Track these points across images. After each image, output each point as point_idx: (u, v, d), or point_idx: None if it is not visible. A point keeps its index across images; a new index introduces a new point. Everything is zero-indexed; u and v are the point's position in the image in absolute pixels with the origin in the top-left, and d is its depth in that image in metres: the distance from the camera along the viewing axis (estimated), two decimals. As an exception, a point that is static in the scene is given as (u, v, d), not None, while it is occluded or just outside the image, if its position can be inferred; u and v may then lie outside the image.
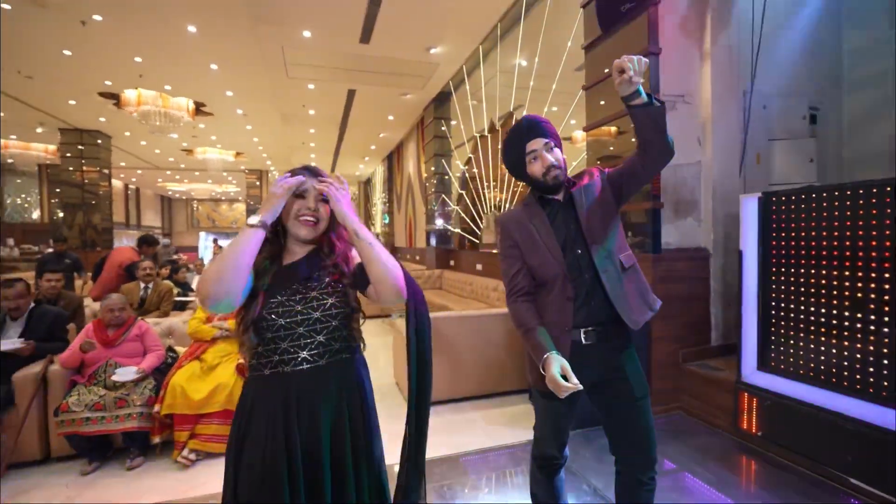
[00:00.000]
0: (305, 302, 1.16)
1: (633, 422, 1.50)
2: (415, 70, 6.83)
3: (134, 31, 6.01)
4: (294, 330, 1.14)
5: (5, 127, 10.65)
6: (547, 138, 1.49)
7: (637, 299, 1.50)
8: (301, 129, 10.74)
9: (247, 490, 1.08)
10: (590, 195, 1.53)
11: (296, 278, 1.18)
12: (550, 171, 1.48)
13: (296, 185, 1.15)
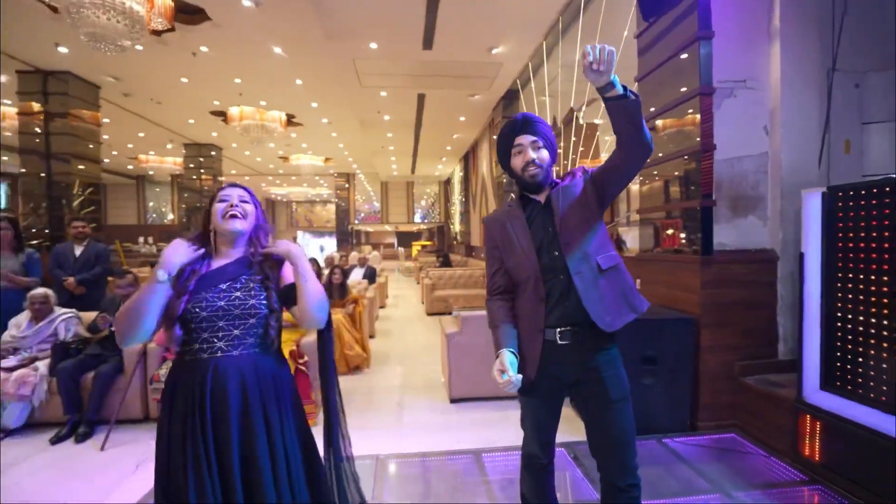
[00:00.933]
0: (229, 300, 1.31)
1: (607, 425, 1.47)
2: (479, 71, 6.90)
3: (232, 57, 6.86)
4: (214, 323, 1.30)
5: (144, 145, 12.75)
6: (536, 137, 1.51)
7: (614, 301, 1.46)
8: (379, 134, 11.36)
9: (168, 458, 1.27)
10: (569, 196, 1.52)
11: (222, 278, 1.34)
12: (528, 167, 1.50)
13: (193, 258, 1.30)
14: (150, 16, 5.10)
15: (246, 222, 1.39)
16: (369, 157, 14.78)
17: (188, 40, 6.28)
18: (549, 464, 1.64)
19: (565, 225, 1.48)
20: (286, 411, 1.38)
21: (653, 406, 2.83)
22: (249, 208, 1.41)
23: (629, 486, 1.46)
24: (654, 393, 2.83)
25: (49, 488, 2.39)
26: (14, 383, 2.96)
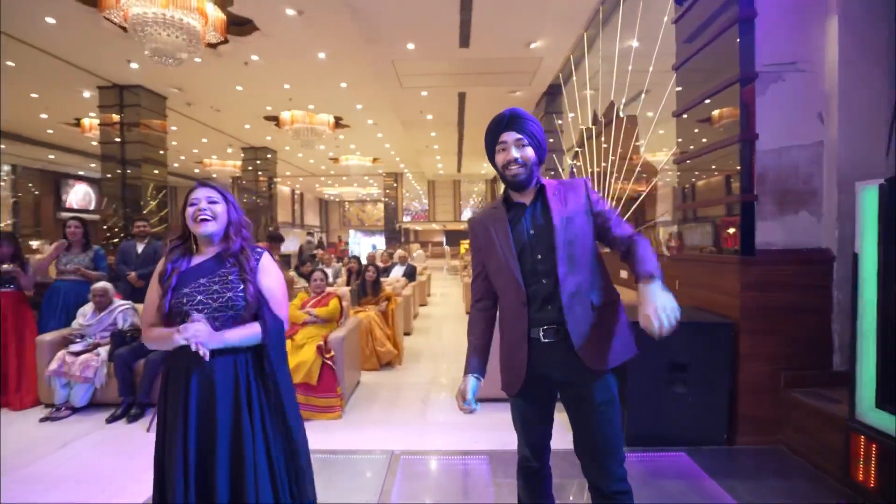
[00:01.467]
0: (208, 294, 1.41)
1: (590, 429, 1.42)
2: (518, 67, 6.79)
3: (281, 64, 7.20)
4: (193, 312, 1.38)
5: (208, 149, 13.71)
6: (521, 135, 1.46)
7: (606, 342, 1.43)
8: (422, 133, 11.48)
9: (163, 438, 1.42)
10: (570, 205, 1.45)
11: (201, 274, 1.44)
12: (510, 165, 1.45)
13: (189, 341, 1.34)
14: (205, 30, 5.47)
15: (216, 223, 1.46)
16: (415, 157, 14.98)
17: (240, 51, 6.67)
18: (543, 468, 1.58)
19: (566, 239, 1.40)
20: (264, 401, 1.45)
21: (684, 416, 2.66)
22: (219, 208, 1.47)
23: (615, 492, 1.40)
24: (685, 402, 2.65)
25: (99, 462, 2.63)
26: (79, 366, 3.29)
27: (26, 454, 2.72)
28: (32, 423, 3.18)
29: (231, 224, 1.50)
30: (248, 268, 1.47)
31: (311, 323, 3.58)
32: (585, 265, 1.43)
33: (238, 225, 1.52)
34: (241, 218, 1.54)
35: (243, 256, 1.48)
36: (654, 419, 2.67)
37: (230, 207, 1.51)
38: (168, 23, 5.12)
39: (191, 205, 1.45)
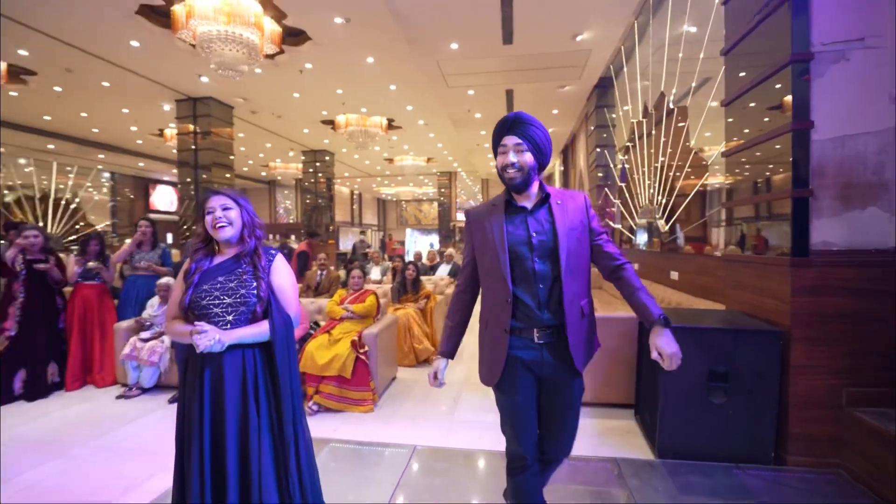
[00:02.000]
0: (225, 290, 1.53)
1: (563, 418, 1.63)
2: (565, 61, 6.59)
3: (333, 70, 7.53)
4: (211, 310, 1.52)
5: (272, 153, 14.62)
6: (522, 139, 1.51)
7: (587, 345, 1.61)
8: (472, 132, 11.48)
9: (182, 420, 1.56)
10: (569, 219, 1.54)
11: (220, 272, 1.56)
12: (507, 169, 1.52)
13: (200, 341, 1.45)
14: (262, 43, 5.85)
15: (232, 228, 1.59)
16: (467, 156, 15.00)
17: (295, 60, 7.06)
18: (534, 465, 1.62)
19: (569, 249, 1.50)
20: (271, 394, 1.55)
21: (724, 430, 2.47)
22: (232, 214, 1.59)
23: (559, 460, 1.73)
24: (725, 414, 2.46)
25: (160, 438, 2.92)
26: (147, 352, 3.67)
27: (102, 426, 3.09)
28: (110, 400, 3.59)
29: (245, 226, 1.62)
30: (261, 266, 1.59)
31: (347, 318, 3.73)
32: (581, 275, 1.53)
33: (252, 226, 1.63)
34: (254, 220, 1.66)
35: (257, 256, 1.60)
36: (689, 431, 2.50)
37: (243, 211, 1.62)
38: (230, 38, 5.52)
39: (208, 213, 1.59)
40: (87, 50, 6.57)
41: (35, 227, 3.85)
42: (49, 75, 7.50)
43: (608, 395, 3.29)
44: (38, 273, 3.72)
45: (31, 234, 3.74)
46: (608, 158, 7.65)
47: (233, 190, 1.66)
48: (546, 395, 1.58)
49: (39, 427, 3.11)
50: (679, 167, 4.57)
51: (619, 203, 7.17)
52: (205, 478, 1.46)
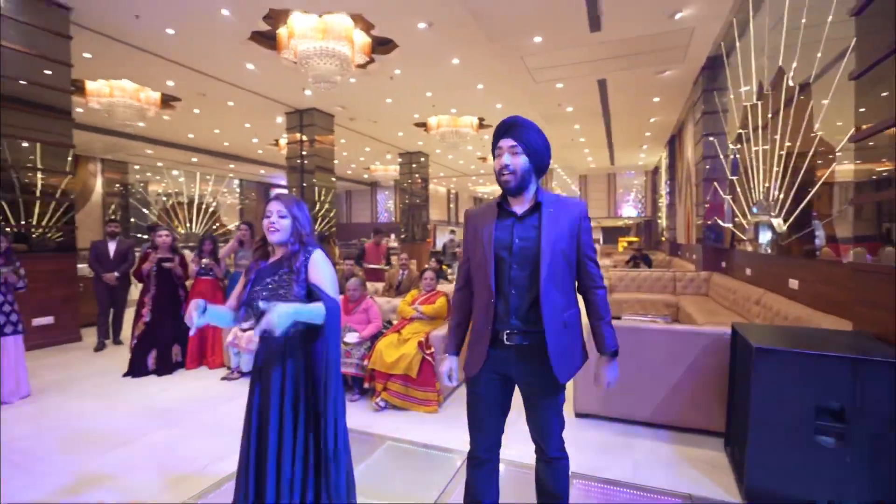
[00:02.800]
0: (268, 289, 1.67)
1: (542, 416, 1.62)
2: (663, 43, 5.97)
3: (421, 74, 7.76)
4: (262, 311, 1.57)
5: (372, 157, 15.54)
6: (517, 142, 1.51)
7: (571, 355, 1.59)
8: (566, 127, 10.99)
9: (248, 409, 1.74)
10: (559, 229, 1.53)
11: (269, 273, 1.71)
12: (501, 172, 1.53)
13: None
14: (353, 54, 6.24)
15: (281, 233, 1.70)
16: (561, 152, 14.42)
17: (385, 67, 7.40)
18: (490, 461, 1.67)
19: (552, 260, 1.49)
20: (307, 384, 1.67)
21: (836, 480, 2.02)
22: (285, 222, 1.70)
23: (553, 458, 1.65)
24: (839, 460, 2.01)
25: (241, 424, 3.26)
26: (245, 340, 4.12)
27: (207, 402, 3.56)
28: (216, 380, 4.12)
29: (293, 234, 1.73)
30: (295, 269, 1.68)
31: (417, 319, 3.80)
32: (562, 286, 1.53)
33: (299, 234, 1.74)
34: (304, 228, 1.75)
35: (294, 259, 1.70)
36: (786, 475, 2.09)
37: (293, 220, 1.73)
38: (325, 53, 5.97)
39: (266, 216, 1.72)
40: (214, 76, 7.62)
41: (166, 227, 4.56)
42: (189, 100, 8.85)
43: (695, 420, 2.91)
44: (166, 269, 4.41)
45: (162, 234, 4.45)
46: (717, 148, 6.77)
47: (291, 197, 1.78)
48: (524, 397, 1.64)
49: (163, 398, 3.69)
50: (801, 155, 3.87)
51: (729, 199, 6.32)
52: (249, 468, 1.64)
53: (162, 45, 6.37)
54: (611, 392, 3.06)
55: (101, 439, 2.93)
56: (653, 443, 2.80)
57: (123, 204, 14.50)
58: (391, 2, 5.38)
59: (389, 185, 21.22)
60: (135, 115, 8.12)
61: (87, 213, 13.29)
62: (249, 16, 5.69)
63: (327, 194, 10.35)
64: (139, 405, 3.54)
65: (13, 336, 3.58)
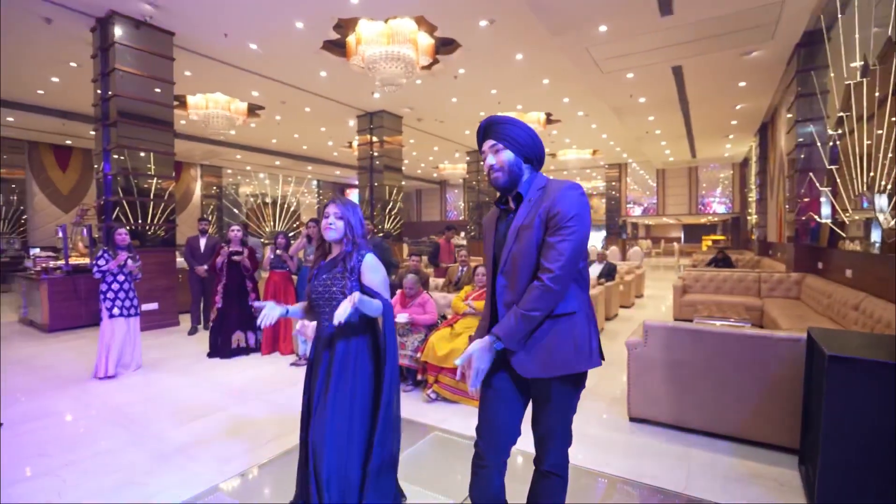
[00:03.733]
0: (324, 285, 1.83)
1: (537, 418, 1.53)
2: (746, 21, 5.44)
3: (485, 72, 7.78)
4: (318, 301, 1.83)
5: (440, 156, 15.82)
6: (496, 140, 1.48)
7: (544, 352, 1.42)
8: (638, 118, 10.38)
9: (305, 393, 1.90)
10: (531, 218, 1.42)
11: (326, 270, 1.87)
12: (490, 172, 1.49)
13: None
14: (418, 56, 6.42)
15: (335, 233, 1.84)
16: (636, 145, 13.65)
17: (449, 67, 7.53)
18: (493, 468, 1.52)
19: (513, 251, 1.44)
20: (357, 375, 1.81)
21: (930, 509, 1.76)
22: (339, 223, 1.84)
23: (545, 471, 1.54)
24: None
25: (308, 402, 3.53)
26: (311, 329, 4.44)
27: (274, 385, 3.90)
28: (285, 366, 4.49)
29: (346, 234, 1.86)
30: (348, 268, 1.82)
31: (470, 314, 3.85)
32: (527, 277, 1.41)
33: (352, 235, 1.86)
34: (357, 228, 1.88)
35: (347, 258, 1.84)
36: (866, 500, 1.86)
37: (347, 221, 1.86)
38: (390, 56, 6.22)
39: (324, 217, 1.88)
40: (292, 84, 8.23)
41: (237, 223, 5.04)
42: (272, 108, 9.65)
43: (765, 434, 2.65)
44: (236, 261, 4.89)
45: (235, 229, 4.93)
46: (814, 135, 6.03)
47: (347, 200, 1.93)
48: (534, 395, 1.53)
49: (240, 378, 4.10)
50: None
51: (827, 191, 5.61)
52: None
53: (246, 59, 7.02)
54: (668, 397, 2.89)
55: (189, 409, 3.34)
56: (712, 454, 2.60)
57: (218, 205, 16.15)
58: (452, 2, 5.46)
59: (458, 184, 21.44)
60: (226, 124, 9.02)
61: (188, 213, 15.00)
62: (321, 26, 6.09)
63: (396, 193, 10.73)
64: (220, 383, 3.97)
65: (134, 318, 4.26)
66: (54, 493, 2.26)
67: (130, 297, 4.21)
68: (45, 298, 6.00)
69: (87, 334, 5.86)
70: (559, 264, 1.33)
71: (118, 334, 4.12)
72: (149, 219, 6.13)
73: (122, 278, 4.17)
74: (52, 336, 5.78)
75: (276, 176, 17.46)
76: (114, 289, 4.13)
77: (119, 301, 4.14)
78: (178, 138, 10.98)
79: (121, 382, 3.98)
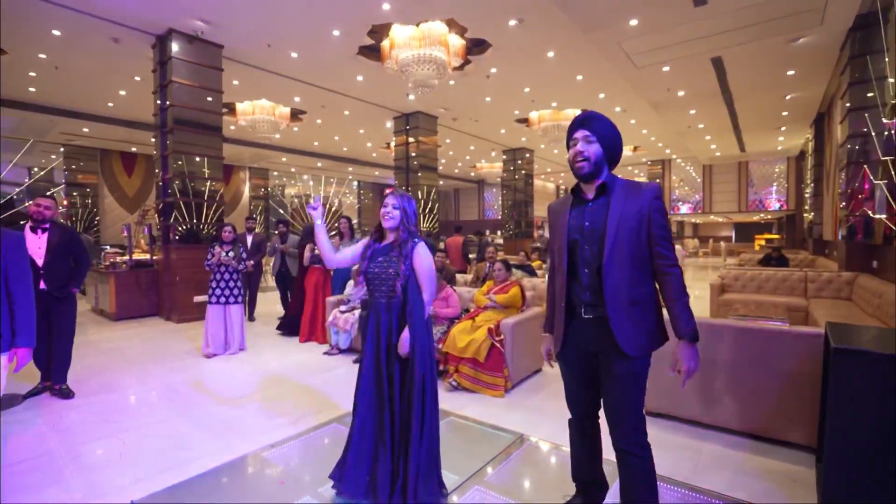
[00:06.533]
0: (380, 266, 2.08)
1: (610, 393, 1.64)
2: (792, 6, 5.20)
3: (517, 71, 7.83)
4: (372, 280, 2.10)
5: (477, 155, 15.91)
6: (591, 132, 1.63)
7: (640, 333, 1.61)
8: (679, 113, 10.04)
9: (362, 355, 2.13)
10: (629, 209, 1.60)
11: (381, 253, 2.10)
12: (576, 159, 1.65)
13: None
14: (449, 58, 6.58)
15: (393, 221, 2.08)
16: (679, 140, 13.16)
17: (481, 67, 7.64)
18: (585, 429, 1.85)
19: (617, 239, 1.58)
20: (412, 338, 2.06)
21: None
22: (396, 213, 2.08)
23: (624, 449, 1.62)
24: (942, 485, 1.70)
25: (343, 387, 3.75)
26: (343, 321, 4.72)
27: (310, 370, 4.18)
28: (319, 353, 4.78)
29: (402, 222, 2.09)
30: (404, 254, 2.06)
31: (491, 308, 3.97)
32: (627, 264, 1.58)
33: (407, 223, 2.10)
34: (411, 219, 2.12)
35: (403, 245, 2.08)
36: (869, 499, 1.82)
37: (402, 212, 2.09)
38: (423, 59, 6.41)
39: (383, 206, 2.12)
40: (332, 89, 8.62)
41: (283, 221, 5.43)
42: (313, 112, 10.12)
43: (782, 431, 2.61)
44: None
45: (280, 228, 5.30)
46: (869, 124, 5.66)
47: (404, 193, 2.16)
48: (601, 378, 1.69)
49: (278, 366, 4.41)
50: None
51: (882, 184, 5.26)
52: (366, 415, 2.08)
53: (288, 67, 7.45)
54: (685, 392, 2.88)
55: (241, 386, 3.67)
56: (723, 449, 2.59)
57: (265, 205, 17.05)
58: (481, 3, 5.57)
59: (496, 183, 21.43)
60: (271, 129, 9.57)
61: (238, 213, 15.93)
62: (356, 33, 6.37)
63: (432, 193, 10.93)
64: (265, 367, 4.29)
65: (237, 305, 4.77)
66: (115, 453, 2.60)
67: (230, 286, 4.70)
68: (112, 290, 6.66)
69: (147, 322, 6.46)
70: (673, 252, 1.61)
71: (213, 319, 4.63)
72: (203, 218, 6.65)
73: (223, 270, 4.67)
74: (118, 324, 6.42)
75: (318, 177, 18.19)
76: (216, 279, 4.65)
77: (218, 290, 4.65)
78: (228, 143, 11.75)
79: (231, 360, 4.54)
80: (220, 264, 4.60)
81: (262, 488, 2.24)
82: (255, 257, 6.38)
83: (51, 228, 3.47)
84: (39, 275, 3.37)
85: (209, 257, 4.60)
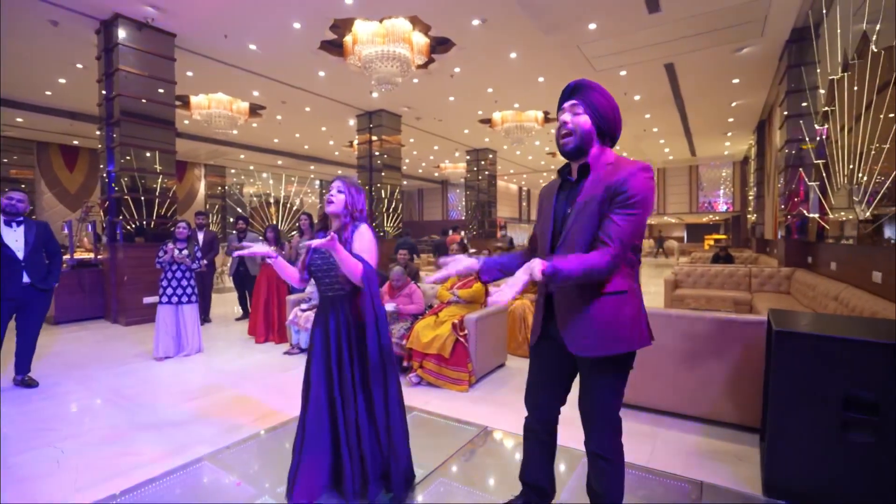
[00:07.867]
0: (324, 257, 1.94)
1: (582, 394, 1.52)
2: (735, 17, 5.53)
3: (480, 71, 7.90)
4: (316, 273, 1.97)
5: (441, 155, 15.94)
6: (578, 101, 1.43)
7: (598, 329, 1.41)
8: (635, 116, 10.46)
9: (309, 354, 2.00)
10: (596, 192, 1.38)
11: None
12: (559, 131, 1.46)
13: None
14: (413, 55, 6.55)
15: (335, 206, 1.93)
16: (635, 143, 13.70)
17: (445, 66, 7.66)
18: (541, 434, 1.67)
19: (575, 226, 1.41)
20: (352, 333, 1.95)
21: (866, 477, 1.85)
22: (341, 196, 1.94)
23: (594, 453, 1.51)
24: (868, 457, 1.84)
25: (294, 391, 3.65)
26: (304, 319, 4.60)
27: (269, 370, 4.05)
28: (279, 353, 4.64)
29: (346, 206, 1.95)
30: (343, 239, 1.92)
31: (454, 303, 3.98)
32: (582, 251, 1.37)
33: (352, 208, 1.96)
34: (356, 204, 1.97)
35: (343, 231, 1.95)
36: (809, 470, 1.96)
37: (347, 197, 1.95)
38: (386, 56, 6.35)
39: (328, 192, 2.01)
40: (293, 84, 8.40)
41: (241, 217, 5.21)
42: (273, 107, 9.82)
43: (730, 414, 2.76)
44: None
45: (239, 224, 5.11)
46: (804, 131, 6.10)
47: (353, 179, 2.04)
48: (580, 372, 1.55)
49: (239, 364, 4.24)
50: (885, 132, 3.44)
51: (815, 186, 5.68)
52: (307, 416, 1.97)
53: (246, 59, 7.19)
54: (639, 380, 2.99)
55: (196, 389, 3.49)
56: (678, 433, 2.71)
57: (222, 204, 16.39)
58: (444, 2, 5.59)
59: (460, 183, 21.56)
60: (228, 124, 9.21)
61: (192, 212, 15.21)
62: (318, 26, 6.24)
63: (396, 192, 10.84)
64: (221, 368, 4.11)
65: (191, 304, 4.51)
66: (53, 461, 2.41)
67: (184, 285, 4.45)
68: (51, 291, 6.20)
69: (92, 325, 6.05)
70: (617, 241, 1.29)
71: (164, 320, 4.39)
72: (153, 216, 6.31)
73: (175, 268, 4.42)
74: (59, 327, 5.98)
75: (279, 176, 17.69)
76: (168, 277, 4.41)
77: (170, 290, 4.40)
78: (182, 138, 11.23)
79: (185, 362, 4.31)
80: (172, 262, 4.37)
81: (217, 491, 2.14)
82: (208, 255, 6.12)
83: (24, 221, 3.55)
84: (21, 268, 3.45)
85: (160, 255, 4.37)
